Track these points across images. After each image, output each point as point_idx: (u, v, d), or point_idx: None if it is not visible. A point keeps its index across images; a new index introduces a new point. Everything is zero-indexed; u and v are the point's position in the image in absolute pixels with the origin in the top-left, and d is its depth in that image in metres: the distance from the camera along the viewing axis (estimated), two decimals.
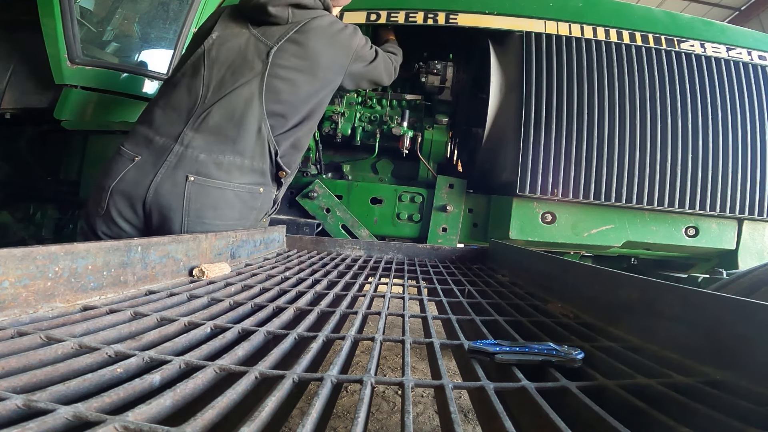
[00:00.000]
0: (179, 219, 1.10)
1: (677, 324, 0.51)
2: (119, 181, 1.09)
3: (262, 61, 1.18)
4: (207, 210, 1.13)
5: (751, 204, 1.61)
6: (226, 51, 1.19)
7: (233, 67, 1.18)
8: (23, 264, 0.50)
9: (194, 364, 0.42)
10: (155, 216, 1.10)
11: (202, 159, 1.12)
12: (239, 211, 1.19)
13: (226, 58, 1.19)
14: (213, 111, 1.14)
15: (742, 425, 0.33)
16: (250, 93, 1.16)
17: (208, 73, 1.17)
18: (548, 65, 1.64)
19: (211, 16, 1.30)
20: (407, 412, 0.34)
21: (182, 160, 1.11)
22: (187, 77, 1.18)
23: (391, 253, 1.46)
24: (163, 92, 1.22)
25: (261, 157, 1.20)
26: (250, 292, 0.76)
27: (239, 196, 1.18)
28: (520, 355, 0.47)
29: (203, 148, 1.12)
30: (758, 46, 1.75)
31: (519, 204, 1.64)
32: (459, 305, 0.78)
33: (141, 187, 1.09)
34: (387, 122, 1.85)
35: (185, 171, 1.10)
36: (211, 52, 1.19)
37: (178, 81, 1.19)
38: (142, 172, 1.10)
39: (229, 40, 1.21)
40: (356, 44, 1.32)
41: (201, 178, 1.11)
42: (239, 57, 1.19)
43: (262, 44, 1.20)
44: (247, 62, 1.18)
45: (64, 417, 0.29)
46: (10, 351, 0.41)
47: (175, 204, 1.10)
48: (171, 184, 1.09)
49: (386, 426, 1.45)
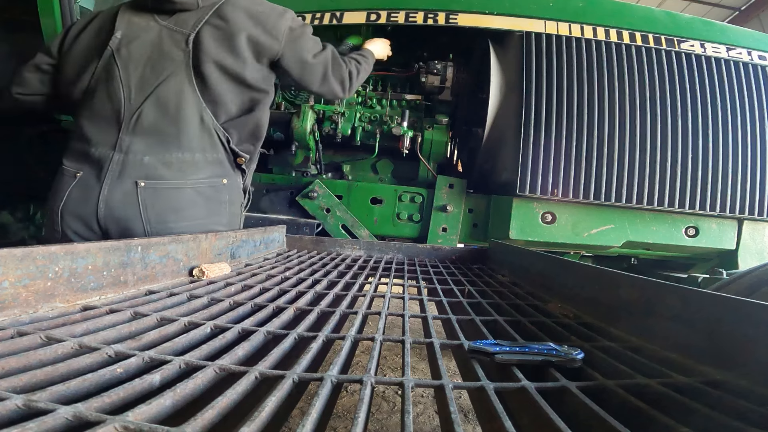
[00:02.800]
0: (140, 228, 1.05)
1: (677, 324, 0.51)
2: (66, 201, 1.04)
3: (182, 51, 1.10)
4: (168, 213, 1.07)
5: (751, 204, 1.61)
6: (138, 48, 1.11)
7: (151, 62, 1.10)
8: (23, 264, 0.50)
9: (194, 364, 0.42)
10: (114, 230, 1.05)
11: (148, 162, 1.06)
12: (206, 208, 1.13)
13: (140, 54, 1.11)
14: (144, 110, 1.07)
15: (742, 425, 0.33)
16: (179, 84, 1.10)
17: (124, 73, 1.09)
18: (548, 65, 1.64)
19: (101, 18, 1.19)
20: (407, 412, 0.34)
21: (126, 167, 1.05)
22: (102, 82, 1.11)
23: (391, 253, 1.46)
24: (83, 103, 1.14)
25: (212, 148, 1.14)
26: (250, 292, 0.76)
27: (201, 193, 1.12)
28: (520, 355, 0.47)
29: (145, 150, 1.06)
30: (758, 46, 1.75)
31: (519, 204, 1.64)
32: (459, 305, 0.78)
33: (90, 204, 1.03)
34: (387, 122, 1.85)
35: (132, 177, 1.05)
36: (120, 51, 1.11)
37: (94, 88, 1.12)
38: (87, 187, 1.04)
39: (138, 36, 1.12)
40: (286, 26, 1.18)
41: (152, 181, 1.06)
42: (155, 51, 1.11)
43: (178, 33, 1.12)
44: (165, 54, 1.10)
45: (64, 417, 0.29)
46: (10, 351, 0.41)
47: (131, 214, 1.04)
48: (121, 194, 1.04)
49: (386, 426, 1.45)
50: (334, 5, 1.79)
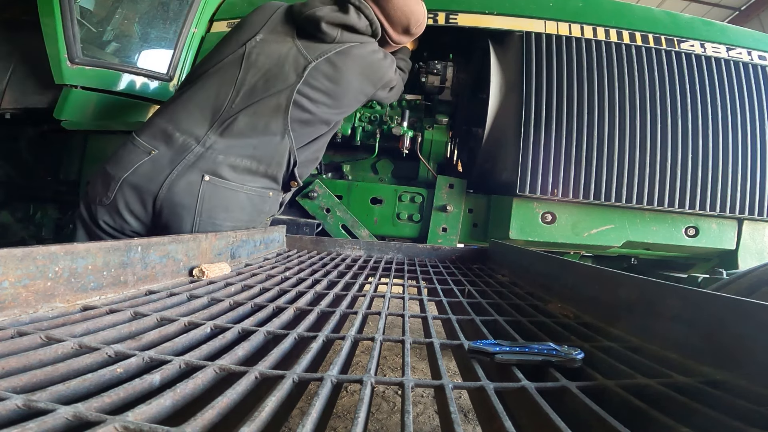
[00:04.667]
0: (191, 218, 1.09)
1: (677, 324, 0.51)
2: (132, 174, 1.07)
3: (297, 75, 1.17)
4: (219, 211, 1.12)
5: (751, 204, 1.61)
6: (266, 57, 1.18)
7: (268, 75, 1.16)
8: (23, 264, 0.50)
9: (194, 364, 0.42)
10: (166, 213, 1.09)
11: (220, 160, 1.12)
12: (249, 213, 1.19)
13: (263, 64, 1.17)
14: (240, 117, 1.13)
15: (742, 425, 0.33)
16: (278, 104, 1.16)
17: (242, 76, 1.15)
18: (548, 65, 1.64)
19: (260, 12, 1.27)
20: (407, 412, 0.34)
21: (200, 160, 1.10)
22: (218, 76, 1.16)
23: (391, 253, 1.46)
24: (188, 87, 1.19)
25: (278, 166, 1.20)
26: (250, 292, 0.76)
27: (251, 199, 1.18)
28: (520, 355, 0.47)
29: (223, 151, 1.12)
30: (758, 46, 1.75)
31: (519, 204, 1.64)
32: (459, 305, 0.78)
33: (155, 183, 1.07)
34: (387, 122, 1.85)
35: (201, 170, 1.10)
36: (251, 55, 1.17)
37: (207, 78, 1.17)
38: (158, 167, 1.08)
39: (271, 46, 1.19)
40: (388, 77, 1.34)
41: (216, 178, 1.11)
42: (276, 66, 1.17)
43: (302, 57, 1.19)
44: (283, 73, 1.17)
45: (64, 417, 0.29)
46: (10, 351, 0.41)
47: (188, 202, 1.09)
48: (186, 183, 1.08)
49: (386, 426, 1.45)
50: None
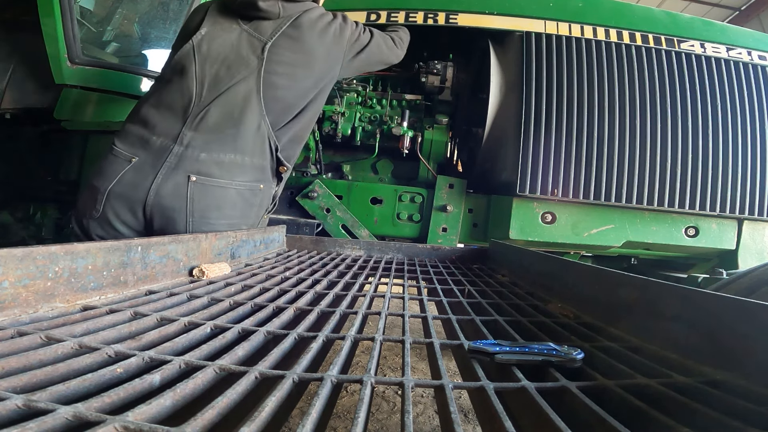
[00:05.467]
0: (183, 220, 1.09)
1: (677, 324, 0.51)
2: (116, 184, 1.06)
3: (257, 57, 1.16)
4: (211, 210, 1.12)
5: (751, 204, 1.61)
6: (218, 47, 1.17)
7: (227, 63, 1.16)
8: (23, 264, 0.50)
9: (194, 364, 0.42)
10: (157, 218, 1.08)
11: (203, 158, 1.11)
12: (241, 209, 1.18)
13: (218, 53, 1.16)
14: (211, 110, 1.13)
15: (742, 425, 0.33)
16: (248, 90, 1.15)
17: (200, 69, 1.15)
18: (548, 65, 1.64)
19: (196, 12, 1.28)
20: (407, 412, 0.34)
21: (182, 160, 1.09)
22: (178, 74, 1.16)
23: (391, 253, 1.46)
24: (154, 90, 1.19)
25: (261, 154, 1.19)
26: (250, 292, 0.76)
27: (241, 195, 1.17)
28: (520, 355, 0.47)
29: (203, 147, 1.11)
30: (758, 46, 1.75)
31: (519, 204, 1.64)
32: (459, 305, 0.78)
33: (141, 190, 1.06)
34: (387, 122, 1.85)
35: (186, 171, 1.09)
36: (201, 47, 1.17)
37: (169, 79, 1.17)
38: (141, 173, 1.07)
39: (219, 36, 1.18)
40: (348, 33, 1.31)
41: (203, 177, 1.10)
42: (232, 53, 1.17)
43: (256, 40, 1.18)
44: (242, 58, 1.16)
45: (64, 417, 0.29)
46: (10, 351, 0.41)
47: (178, 205, 1.08)
48: (173, 185, 1.08)
49: (386, 426, 1.45)
50: (334, 5, 1.79)
